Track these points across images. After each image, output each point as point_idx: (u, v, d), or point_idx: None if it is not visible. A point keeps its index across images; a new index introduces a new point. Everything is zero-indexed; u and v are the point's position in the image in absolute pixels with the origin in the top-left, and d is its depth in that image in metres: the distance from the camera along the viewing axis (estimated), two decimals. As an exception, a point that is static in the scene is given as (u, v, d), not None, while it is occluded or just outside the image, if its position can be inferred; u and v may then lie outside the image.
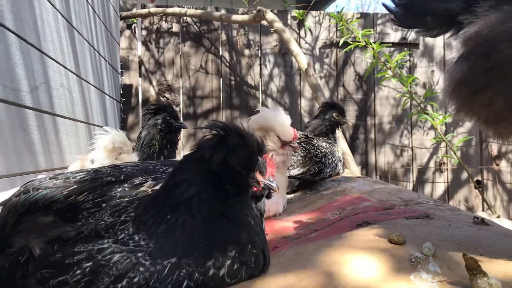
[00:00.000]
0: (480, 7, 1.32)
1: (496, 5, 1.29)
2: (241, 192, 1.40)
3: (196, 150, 1.37)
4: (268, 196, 1.55)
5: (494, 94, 1.29)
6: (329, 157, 3.33)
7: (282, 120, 2.60)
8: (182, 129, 3.33)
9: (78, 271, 1.17)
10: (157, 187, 1.44)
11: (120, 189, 1.45)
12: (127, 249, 1.22)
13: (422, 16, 1.48)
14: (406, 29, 5.88)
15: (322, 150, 3.31)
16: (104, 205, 1.39)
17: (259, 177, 1.41)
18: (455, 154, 4.26)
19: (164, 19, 5.97)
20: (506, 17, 1.26)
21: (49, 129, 2.75)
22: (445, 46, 6.24)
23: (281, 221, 2.40)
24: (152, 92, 5.95)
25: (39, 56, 2.65)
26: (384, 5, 1.56)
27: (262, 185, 1.42)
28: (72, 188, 1.46)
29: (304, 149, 3.25)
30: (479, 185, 6.11)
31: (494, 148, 6.24)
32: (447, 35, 1.48)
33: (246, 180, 1.38)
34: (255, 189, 1.43)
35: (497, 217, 4.32)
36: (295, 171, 3.21)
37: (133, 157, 2.84)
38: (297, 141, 3.21)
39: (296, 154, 3.21)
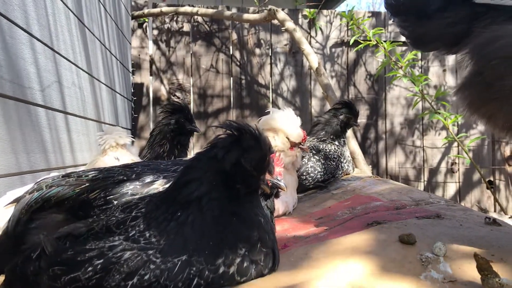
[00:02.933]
0: (476, 27, 1.41)
1: (489, 25, 1.37)
2: (252, 192, 1.40)
3: (209, 149, 1.38)
4: (277, 195, 1.56)
5: (494, 108, 1.36)
6: (341, 159, 3.41)
7: (292, 121, 2.62)
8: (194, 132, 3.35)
9: (90, 268, 1.18)
10: (168, 185, 1.45)
11: (131, 187, 1.46)
12: (138, 247, 1.23)
13: (433, 43, 1.60)
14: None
15: (335, 159, 3.37)
16: (115, 202, 1.40)
17: (267, 176, 1.42)
18: (467, 154, 4.22)
19: (175, 18, 6.00)
20: (496, 36, 1.32)
21: (60, 127, 2.77)
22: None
23: (291, 220, 2.40)
24: (163, 91, 5.97)
25: (51, 55, 2.67)
26: (401, 33, 1.69)
27: (271, 184, 1.42)
28: (84, 186, 1.48)
29: (322, 165, 3.30)
30: (491, 185, 6.06)
31: (507, 148, 6.18)
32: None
33: (257, 181, 1.39)
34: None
35: (510, 217, 4.27)
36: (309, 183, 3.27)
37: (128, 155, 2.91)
38: (316, 157, 3.28)
39: (312, 169, 3.27)
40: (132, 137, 3.02)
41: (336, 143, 3.53)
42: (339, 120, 3.57)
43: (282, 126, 2.60)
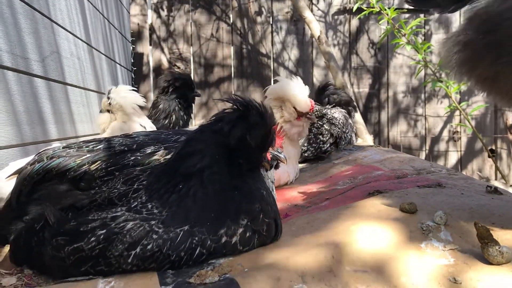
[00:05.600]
0: None
1: None
2: (254, 167, 1.40)
3: (214, 122, 1.37)
4: (277, 167, 1.56)
5: (499, 70, 1.29)
6: (344, 129, 3.37)
7: (300, 91, 2.56)
8: (195, 98, 3.40)
9: (93, 239, 1.19)
10: (169, 156, 1.45)
11: (132, 158, 1.46)
12: (140, 217, 1.23)
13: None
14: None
15: (339, 124, 3.32)
16: (117, 173, 1.40)
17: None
18: (469, 122, 4.20)
19: (174, -14, 5.88)
20: None
21: (60, 98, 2.75)
22: (462, 13, 6.06)
23: (293, 190, 2.41)
24: (164, 61, 5.91)
25: (48, 24, 2.63)
26: None
27: (271, 155, 1.42)
28: (85, 157, 1.48)
29: (327, 131, 3.26)
30: (493, 154, 6.05)
31: (509, 116, 6.15)
32: (464, 8, 1.47)
33: (259, 158, 1.39)
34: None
35: (511, 185, 4.29)
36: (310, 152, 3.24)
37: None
38: (319, 122, 3.22)
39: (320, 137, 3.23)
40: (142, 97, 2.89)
41: (343, 110, 3.51)
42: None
43: (290, 95, 2.55)
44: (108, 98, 2.75)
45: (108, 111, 2.81)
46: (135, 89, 2.90)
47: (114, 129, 2.72)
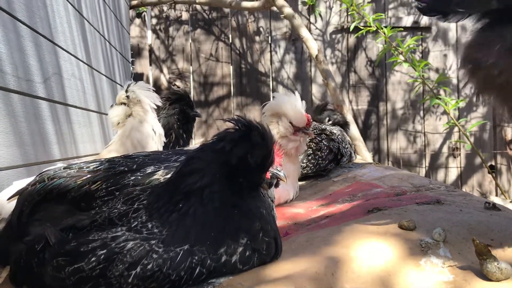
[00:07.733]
0: None
1: None
2: (254, 187, 1.42)
3: (216, 141, 1.38)
4: (276, 185, 1.57)
5: None
6: (344, 145, 3.34)
7: (295, 105, 2.54)
8: (196, 118, 3.41)
9: (93, 259, 1.20)
10: (170, 176, 1.46)
11: (133, 178, 1.47)
12: (141, 237, 1.24)
13: (462, 4, 1.39)
14: (418, 13, 5.82)
15: (337, 139, 3.30)
16: (117, 193, 1.41)
17: None
18: (468, 139, 4.22)
19: (173, 7, 5.96)
20: None
21: (62, 119, 2.78)
22: (459, 29, 6.13)
23: (292, 208, 2.41)
24: (163, 80, 5.97)
25: (51, 47, 2.67)
26: None
27: (270, 174, 1.44)
28: (85, 177, 1.49)
29: (326, 147, 3.22)
30: (493, 170, 6.05)
31: (508, 132, 6.17)
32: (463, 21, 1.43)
33: (259, 177, 1.41)
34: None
35: (511, 201, 4.29)
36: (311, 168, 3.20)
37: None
38: (318, 138, 3.19)
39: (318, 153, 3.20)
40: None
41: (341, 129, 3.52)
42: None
43: (285, 110, 2.53)
44: (127, 91, 2.65)
45: (124, 104, 2.70)
46: (153, 88, 2.82)
47: (130, 129, 2.63)
